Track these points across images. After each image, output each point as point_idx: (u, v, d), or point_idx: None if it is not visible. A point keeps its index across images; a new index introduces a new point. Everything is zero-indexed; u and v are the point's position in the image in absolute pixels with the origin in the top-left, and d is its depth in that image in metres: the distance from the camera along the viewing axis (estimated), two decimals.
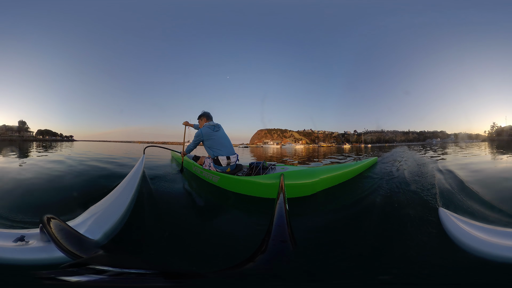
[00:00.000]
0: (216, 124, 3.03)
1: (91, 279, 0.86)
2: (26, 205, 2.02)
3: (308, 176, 2.27)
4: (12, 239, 1.14)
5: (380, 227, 1.63)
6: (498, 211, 1.82)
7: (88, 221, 1.39)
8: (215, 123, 3.03)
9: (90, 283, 0.86)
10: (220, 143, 2.87)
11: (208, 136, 2.88)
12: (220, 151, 2.82)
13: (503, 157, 6.59)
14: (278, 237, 1.01)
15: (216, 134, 2.94)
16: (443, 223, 1.46)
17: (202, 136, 2.90)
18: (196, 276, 0.96)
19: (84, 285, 0.86)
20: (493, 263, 1.11)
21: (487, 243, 1.20)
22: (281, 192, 1.54)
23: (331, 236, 1.53)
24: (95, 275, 0.87)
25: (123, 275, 0.90)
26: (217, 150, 2.82)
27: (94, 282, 0.86)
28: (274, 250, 0.96)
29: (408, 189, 2.48)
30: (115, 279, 0.88)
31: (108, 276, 0.88)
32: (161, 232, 1.62)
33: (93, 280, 0.86)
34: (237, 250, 1.35)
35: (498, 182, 2.86)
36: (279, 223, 1.10)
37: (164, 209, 2.01)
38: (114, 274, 0.89)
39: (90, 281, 0.86)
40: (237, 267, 0.89)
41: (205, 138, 2.88)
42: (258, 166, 2.65)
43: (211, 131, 2.93)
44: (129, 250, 1.38)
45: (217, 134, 2.95)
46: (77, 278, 0.86)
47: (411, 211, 1.83)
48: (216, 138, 2.90)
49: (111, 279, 0.87)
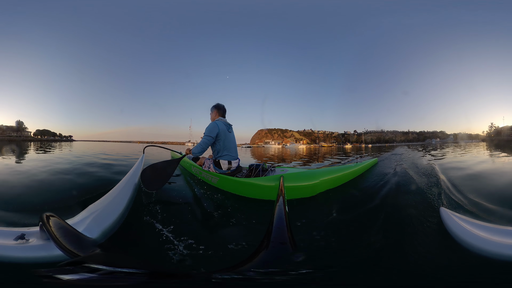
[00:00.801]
0: (230, 124, 2.76)
1: (87, 277, 0.86)
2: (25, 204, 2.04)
3: (308, 178, 2.25)
4: (13, 237, 1.16)
5: (381, 228, 1.62)
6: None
7: (87, 220, 1.40)
8: (229, 123, 2.75)
9: (86, 281, 0.86)
10: (229, 146, 2.65)
11: (223, 134, 2.59)
12: (225, 155, 2.64)
13: (500, 157, 6.62)
14: (278, 239, 1.01)
15: (229, 136, 2.69)
16: (445, 223, 1.46)
17: (219, 130, 2.53)
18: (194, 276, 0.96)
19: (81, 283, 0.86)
20: (495, 262, 1.10)
21: (489, 242, 1.19)
22: (281, 194, 1.53)
23: (331, 238, 1.52)
24: (91, 274, 0.87)
25: (119, 274, 0.90)
26: (222, 153, 2.63)
27: (90, 281, 0.86)
28: (274, 252, 0.96)
29: (409, 189, 2.47)
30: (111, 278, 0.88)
31: (104, 274, 0.88)
32: (159, 232, 1.62)
33: (89, 278, 0.86)
34: (236, 252, 1.35)
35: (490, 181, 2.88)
36: (279, 225, 1.09)
37: (162, 209, 2.01)
38: (110, 272, 0.89)
39: (86, 279, 0.86)
40: (235, 267, 0.89)
41: (220, 136, 2.57)
42: (257, 168, 2.60)
43: (226, 129, 2.66)
44: (126, 249, 1.39)
45: (230, 136, 2.70)
46: (73, 277, 0.86)
47: (413, 211, 1.82)
48: (227, 139, 2.64)
49: (107, 277, 0.88)
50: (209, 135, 2.55)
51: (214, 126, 2.57)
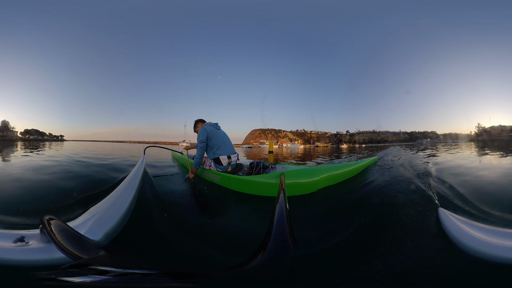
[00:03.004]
0: (216, 123, 2.97)
1: (92, 280, 0.85)
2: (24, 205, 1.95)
3: (309, 175, 2.28)
4: (12, 240, 1.12)
5: (380, 226, 1.62)
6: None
7: (89, 222, 1.37)
8: (215, 122, 2.97)
9: (92, 284, 0.84)
10: (222, 142, 2.83)
11: (212, 134, 2.80)
12: (221, 150, 2.78)
13: (485, 156, 6.88)
14: (279, 236, 1.01)
15: (218, 133, 2.89)
16: (443, 223, 1.45)
17: (207, 133, 2.78)
18: (198, 276, 0.96)
19: (85, 286, 0.84)
20: (492, 264, 1.11)
21: (486, 244, 1.19)
22: (282, 192, 1.54)
23: (332, 235, 1.53)
24: (97, 276, 0.86)
25: (125, 276, 0.89)
26: (219, 149, 2.78)
27: (96, 283, 0.85)
28: (275, 249, 0.96)
29: (408, 189, 2.49)
30: (117, 280, 0.87)
31: (110, 276, 0.87)
32: (162, 232, 1.60)
33: (95, 280, 0.85)
34: (238, 249, 1.35)
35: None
36: (280, 222, 1.10)
37: (165, 209, 1.99)
38: (116, 274, 0.88)
39: (91, 282, 0.85)
40: (239, 267, 0.89)
41: (210, 136, 2.78)
42: (258, 166, 2.64)
43: (214, 128, 2.87)
44: (130, 250, 1.36)
45: (220, 133, 2.90)
46: (78, 279, 0.85)
47: (411, 210, 1.84)
48: (218, 136, 2.84)
49: (113, 279, 0.86)
50: (201, 140, 2.75)
51: (202, 131, 2.80)
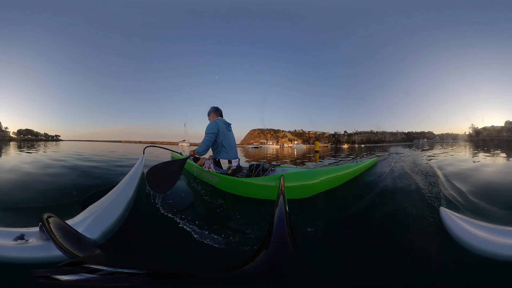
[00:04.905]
0: (230, 123, 2.80)
1: (86, 278, 0.86)
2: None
3: (308, 177, 2.24)
4: (12, 238, 1.13)
5: (381, 227, 1.62)
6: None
7: (87, 220, 1.38)
8: (229, 122, 2.80)
9: (85, 282, 0.86)
10: (229, 145, 2.67)
11: (222, 132, 2.61)
12: (225, 153, 2.65)
13: (479, 155, 7.04)
14: (279, 238, 1.01)
15: (229, 134, 2.72)
16: (444, 222, 1.46)
17: (218, 127, 2.57)
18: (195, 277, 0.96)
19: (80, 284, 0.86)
20: (494, 262, 1.11)
21: (488, 242, 1.20)
22: (281, 194, 1.53)
23: (332, 237, 1.53)
24: (91, 274, 0.87)
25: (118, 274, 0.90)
26: (223, 152, 2.64)
27: (89, 281, 0.86)
28: (275, 251, 0.96)
29: (408, 189, 2.48)
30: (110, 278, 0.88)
31: (104, 275, 0.88)
32: (159, 233, 1.62)
33: (88, 279, 0.86)
34: (237, 251, 1.36)
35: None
36: (279, 224, 1.09)
37: (162, 209, 1.98)
38: (109, 273, 0.89)
39: (85, 280, 0.86)
40: (237, 268, 0.89)
41: (219, 133, 2.59)
42: (258, 168, 2.58)
43: (225, 128, 2.69)
44: (126, 249, 1.37)
45: (230, 135, 2.74)
46: (72, 277, 0.86)
47: (412, 210, 1.83)
48: (227, 138, 2.67)
49: (107, 278, 0.87)
50: (211, 132, 2.59)
51: (214, 124, 2.61)
